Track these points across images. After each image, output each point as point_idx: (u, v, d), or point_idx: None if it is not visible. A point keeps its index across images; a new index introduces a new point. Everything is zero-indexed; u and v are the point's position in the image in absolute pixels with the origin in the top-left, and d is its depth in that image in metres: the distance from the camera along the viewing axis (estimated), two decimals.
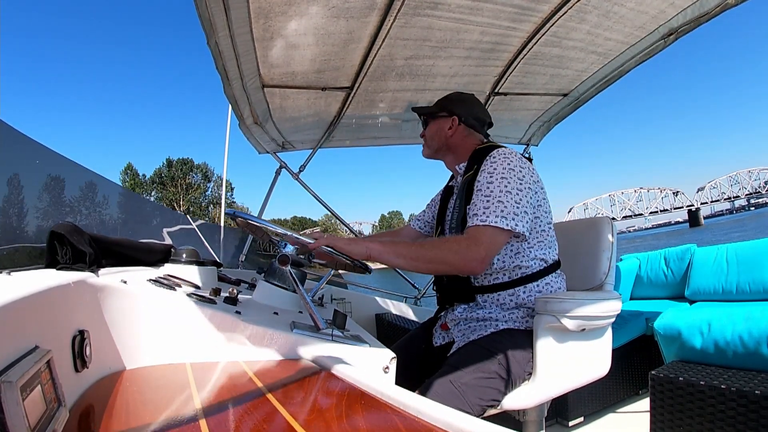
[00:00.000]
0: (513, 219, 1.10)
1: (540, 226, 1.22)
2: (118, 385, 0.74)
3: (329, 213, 3.06)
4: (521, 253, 1.21)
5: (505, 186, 1.13)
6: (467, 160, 1.32)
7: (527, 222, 1.13)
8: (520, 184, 1.14)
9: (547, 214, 1.24)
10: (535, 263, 1.22)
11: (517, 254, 1.21)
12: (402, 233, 1.61)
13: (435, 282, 1.38)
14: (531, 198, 1.16)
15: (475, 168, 1.24)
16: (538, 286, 1.22)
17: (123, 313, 0.87)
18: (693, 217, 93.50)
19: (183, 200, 43.74)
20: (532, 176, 1.19)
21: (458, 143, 1.37)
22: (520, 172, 1.16)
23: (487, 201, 1.12)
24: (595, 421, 2.12)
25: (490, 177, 1.16)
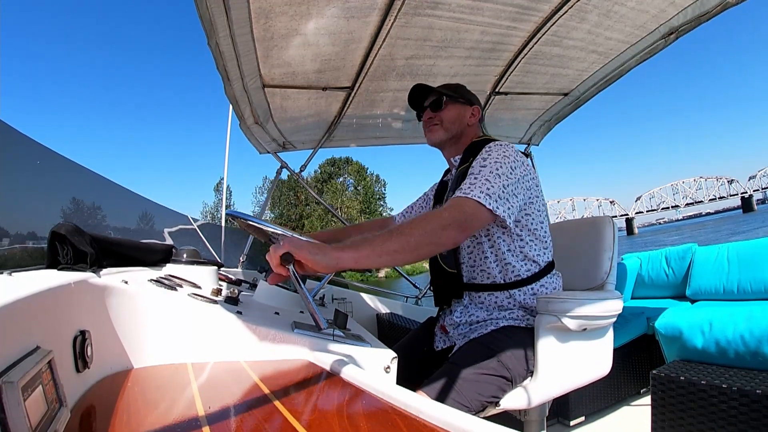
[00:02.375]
0: (496, 201, 1.06)
1: (532, 224, 1.21)
2: (119, 385, 0.74)
3: None
4: (513, 252, 1.20)
5: (496, 169, 1.10)
6: (462, 152, 1.30)
7: (510, 210, 1.09)
8: (511, 172, 1.12)
9: (540, 212, 1.23)
10: (527, 265, 1.21)
11: (508, 251, 1.20)
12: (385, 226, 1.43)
13: (431, 281, 1.37)
14: (519, 189, 1.13)
15: (471, 160, 1.21)
16: (533, 288, 1.21)
17: (124, 313, 0.87)
18: (746, 204, 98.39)
19: (342, 198, 44.68)
20: (525, 169, 1.17)
21: (468, 134, 1.35)
22: (514, 162, 1.14)
23: (474, 179, 1.09)
24: (597, 421, 2.12)
25: (483, 161, 1.14)
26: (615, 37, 2.06)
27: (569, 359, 1.19)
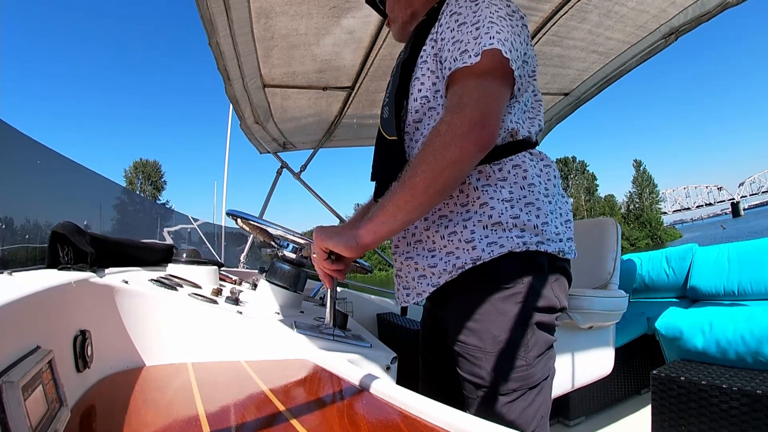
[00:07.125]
0: (510, 52, 0.72)
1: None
2: (119, 385, 0.74)
3: None
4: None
5: (495, 13, 0.75)
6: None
7: (519, 70, 0.75)
8: (511, 19, 0.76)
9: (540, 121, 0.87)
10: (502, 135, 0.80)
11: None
12: None
13: None
14: (523, 43, 0.78)
15: (432, 11, 0.87)
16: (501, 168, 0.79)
17: (124, 313, 0.87)
18: (735, 209, 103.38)
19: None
20: (523, 21, 0.81)
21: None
22: (509, 6, 0.79)
23: (460, 33, 0.75)
24: (597, 421, 2.12)
25: (457, 15, 0.78)
26: (615, 37, 2.06)
27: (571, 359, 1.19)
